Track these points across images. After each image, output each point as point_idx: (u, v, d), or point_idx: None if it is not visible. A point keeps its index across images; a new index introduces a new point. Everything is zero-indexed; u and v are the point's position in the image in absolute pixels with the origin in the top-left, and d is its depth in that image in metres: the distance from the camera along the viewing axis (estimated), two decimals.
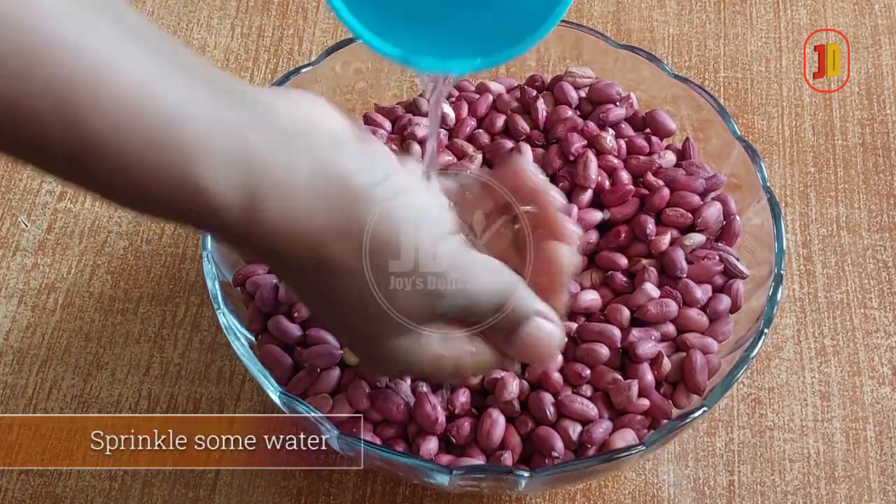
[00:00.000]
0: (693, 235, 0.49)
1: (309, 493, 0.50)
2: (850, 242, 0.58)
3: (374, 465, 0.47)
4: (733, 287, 0.48)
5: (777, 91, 0.64)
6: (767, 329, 0.44)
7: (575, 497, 0.50)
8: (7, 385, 0.53)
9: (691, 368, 0.45)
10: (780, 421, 0.52)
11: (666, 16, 0.68)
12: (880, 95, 0.64)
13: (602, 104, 0.52)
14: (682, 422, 0.42)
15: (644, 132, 0.53)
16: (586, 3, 0.68)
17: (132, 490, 0.50)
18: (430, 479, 0.43)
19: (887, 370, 0.54)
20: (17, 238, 0.58)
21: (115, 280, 0.56)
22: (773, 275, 0.46)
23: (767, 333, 0.44)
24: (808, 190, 0.60)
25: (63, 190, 0.60)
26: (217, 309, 0.45)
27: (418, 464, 0.42)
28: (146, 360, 0.54)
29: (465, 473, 0.42)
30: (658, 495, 0.50)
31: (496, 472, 0.43)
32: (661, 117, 0.52)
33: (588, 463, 0.42)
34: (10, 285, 0.56)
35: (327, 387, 0.45)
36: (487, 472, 0.43)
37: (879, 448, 0.52)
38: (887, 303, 0.56)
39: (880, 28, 0.67)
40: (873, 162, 0.61)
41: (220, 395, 0.53)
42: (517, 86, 0.55)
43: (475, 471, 0.43)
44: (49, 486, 0.50)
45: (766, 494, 0.50)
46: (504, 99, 0.54)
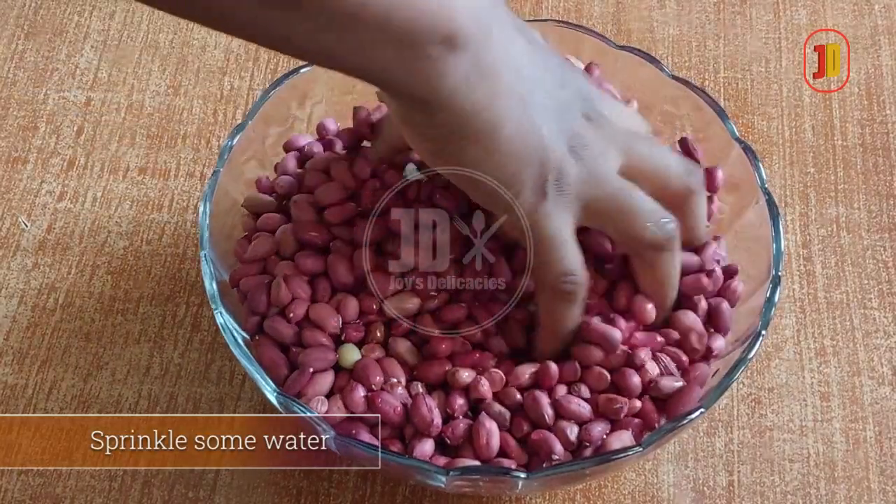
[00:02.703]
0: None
1: (309, 493, 0.50)
2: (850, 243, 0.58)
3: (372, 466, 0.47)
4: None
5: (777, 91, 0.64)
6: (765, 331, 0.44)
7: (575, 497, 0.50)
8: (7, 385, 0.53)
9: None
10: (780, 421, 0.52)
11: (666, 16, 0.68)
12: (880, 96, 0.64)
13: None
14: (678, 423, 0.42)
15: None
16: (586, 3, 0.68)
17: (132, 490, 0.50)
18: (428, 480, 0.43)
19: (887, 370, 0.54)
20: (17, 238, 0.58)
21: (115, 280, 0.57)
22: (771, 276, 0.46)
23: (765, 335, 0.44)
24: (808, 190, 0.60)
25: (63, 190, 0.60)
26: (214, 309, 0.45)
27: (415, 465, 0.42)
28: (146, 360, 0.54)
29: (462, 475, 0.42)
30: (658, 495, 0.50)
31: (493, 474, 0.43)
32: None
33: (585, 464, 0.42)
34: (10, 285, 0.56)
35: (323, 388, 0.45)
36: (484, 474, 0.43)
37: (879, 448, 0.52)
38: (887, 303, 0.56)
39: (880, 28, 0.67)
40: (873, 162, 0.61)
41: (220, 395, 0.53)
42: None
43: (472, 472, 0.43)
44: (49, 486, 0.50)
45: (766, 495, 0.50)
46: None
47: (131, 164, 0.61)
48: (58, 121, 0.63)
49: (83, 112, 0.63)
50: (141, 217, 0.59)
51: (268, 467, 0.50)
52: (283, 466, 0.50)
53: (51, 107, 0.64)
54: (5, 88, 0.64)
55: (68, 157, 0.61)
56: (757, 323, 0.45)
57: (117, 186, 0.60)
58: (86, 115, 0.63)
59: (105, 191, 0.60)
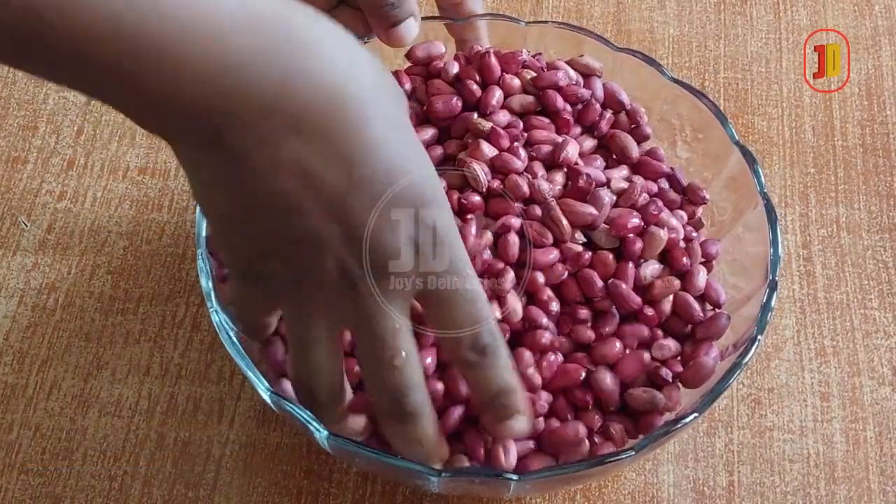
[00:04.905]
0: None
1: (309, 493, 0.50)
2: (850, 243, 0.58)
3: (367, 467, 0.47)
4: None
5: (777, 92, 0.64)
6: (761, 336, 0.44)
7: (575, 497, 0.50)
8: (7, 385, 0.53)
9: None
10: (780, 421, 0.52)
11: (666, 16, 0.68)
12: (880, 96, 0.64)
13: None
14: (673, 427, 0.42)
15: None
16: (586, 3, 0.68)
17: (132, 490, 0.50)
18: (420, 481, 0.43)
19: (887, 370, 0.54)
20: (17, 238, 0.58)
21: (116, 280, 0.57)
22: (768, 281, 0.46)
23: (761, 340, 0.44)
24: (808, 191, 0.60)
25: (63, 189, 0.60)
26: (210, 307, 0.45)
27: (408, 466, 0.41)
28: (146, 359, 0.54)
29: (454, 476, 0.41)
30: (658, 495, 0.50)
31: (485, 476, 0.42)
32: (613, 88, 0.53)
33: (577, 468, 0.42)
34: (10, 285, 0.56)
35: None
36: (476, 475, 0.43)
37: (879, 449, 0.52)
38: (887, 303, 0.56)
39: (880, 28, 0.67)
40: (873, 163, 0.61)
41: (220, 395, 0.53)
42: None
43: (464, 474, 0.42)
44: (49, 486, 0.50)
45: (766, 495, 0.50)
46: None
47: (131, 163, 0.61)
48: (58, 121, 0.63)
49: (83, 112, 0.63)
50: (141, 217, 0.59)
51: (268, 467, 0.50)
52: (283, 466, 0.50)
53: (51, 106, 0.64)
54: (5, 88, 0.64)
55: (68, 157, 0.61)
56: (753, 328, 0.45)
57: (117, 186, 0.60)
58: (86, 115, 0.63)
59: (105, 191, 0.60)
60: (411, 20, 0.50)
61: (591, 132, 0.52)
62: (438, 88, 0.51)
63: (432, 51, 0.53)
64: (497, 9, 0.67)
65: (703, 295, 0.48)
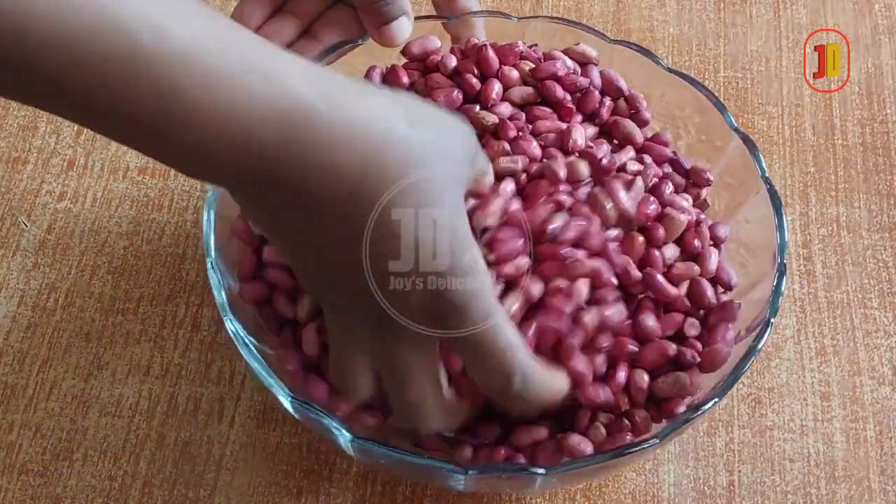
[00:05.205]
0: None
1: (309, 493, 0.50)
2: (851, 242, 0.58)
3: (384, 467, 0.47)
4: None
5: (777, 91, 0.64)
6: (774, 318, 0.44)
7: (575, 497, 0.50)
8: (7, 385, 0.53)
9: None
10: (781, 421, 0.52)
11: (666, 15, 0.68)
12: (880, 95, 0.64)
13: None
14: (694, 413, 0.42)
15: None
16: (586, 2, 0.68)
17: (132, 490, 0.50)
18: (447, 479, 0.42)
19: (887, 370, 0.54)
20: (18, 238, 0.58)
21: (116, 280, 0.57)
22: (777, 264, 0.45)
23: (773, 324, 0.44)
24: (808, 190, 0.60)
25: (63, 190, 0.60)
26: (224, 317, 0.44)
27: (435, 465, 0.41)
28: (146, 360, 0.54)
29: (481, 473, 0.41)
30: (658, 495, 0.50)
31: (512, 471, 0.42)
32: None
33: (600, 459, 0.42)
34: (10, 285, 0.56)
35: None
36: (503, 472, 0.43)
37: (879, 448, 0.52)
38: (887, 303, 0.56)
39: (880, 28, 0.67)
40: (873, 162, 0.61)
41: (220, 395, 0.53)
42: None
43: (491, 470, 0.42)
44: (49, 486, 0.50)
45: (766, 494, 0.50)
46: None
47: (131, 163, 0.61)
48: (58, 120, 0.63)
49: None
50: (141, 217, 0.59)
51: (268, 467, 0.50)
52: (283, 466, 0.50)
53: None
54: None
55: (68, 157, 0.61)
56: (765, 312, 0.44)
57: (117, 186, 0.60)
58: None
59: (105, 191, 0.60)
60: (404, 19, 0.50)
61: (592, 120, 0.51)
62: (437, 82, 0.51)
63: (428, 46, 0.52)
64: (497, 8, 0.67)
65: (714, 278, 0.48)
